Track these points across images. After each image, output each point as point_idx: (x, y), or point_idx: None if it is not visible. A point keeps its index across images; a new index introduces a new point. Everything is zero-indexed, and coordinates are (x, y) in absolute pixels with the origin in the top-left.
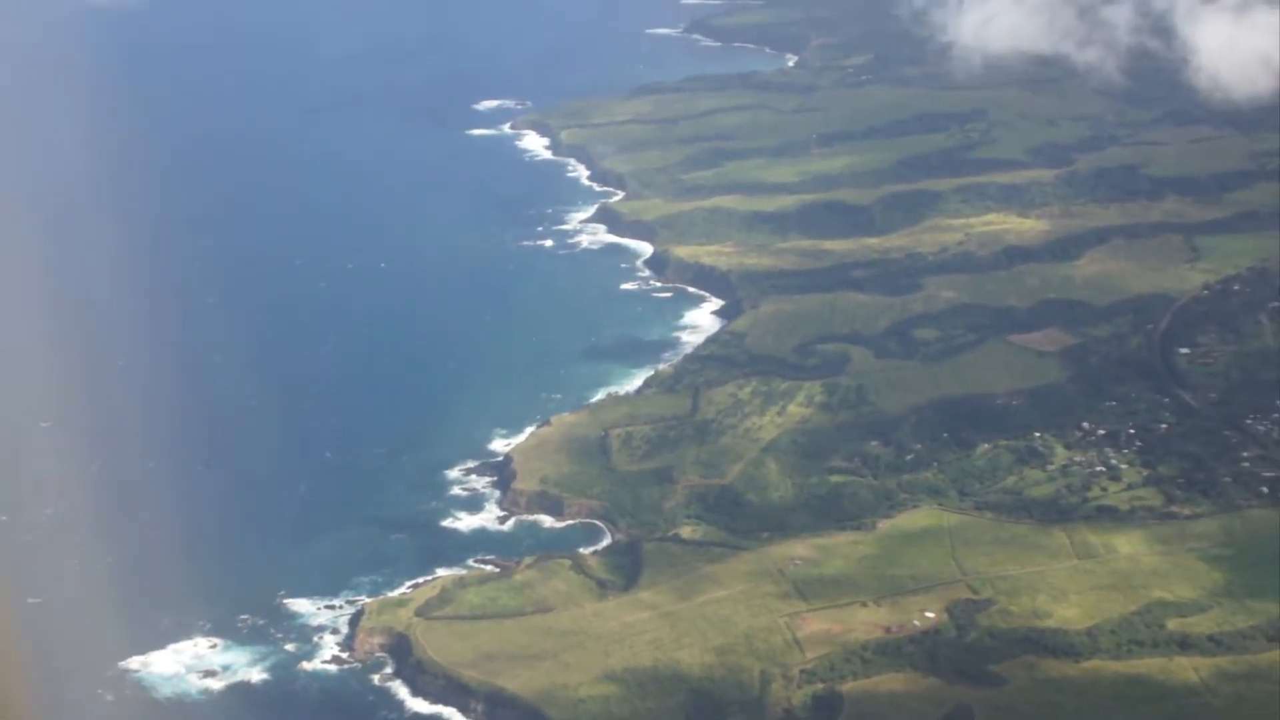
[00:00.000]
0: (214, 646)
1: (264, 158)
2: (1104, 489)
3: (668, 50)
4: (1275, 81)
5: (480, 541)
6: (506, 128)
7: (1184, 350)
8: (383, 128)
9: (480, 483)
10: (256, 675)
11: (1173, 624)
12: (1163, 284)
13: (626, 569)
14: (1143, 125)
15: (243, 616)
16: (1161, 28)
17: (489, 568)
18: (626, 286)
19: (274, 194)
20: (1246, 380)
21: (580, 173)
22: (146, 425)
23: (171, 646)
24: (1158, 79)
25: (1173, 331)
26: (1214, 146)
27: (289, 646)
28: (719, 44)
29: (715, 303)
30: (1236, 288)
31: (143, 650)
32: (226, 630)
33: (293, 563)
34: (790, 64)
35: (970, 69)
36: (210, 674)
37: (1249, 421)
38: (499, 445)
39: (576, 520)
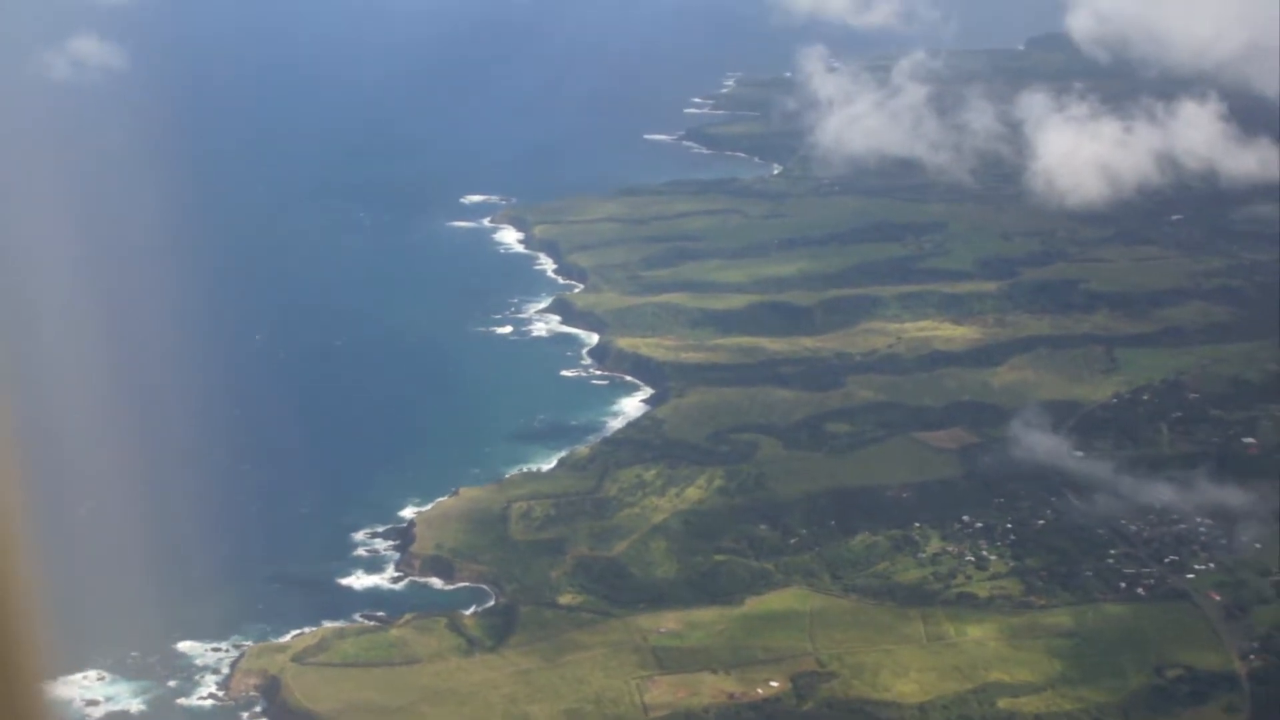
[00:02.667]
0: (101, 679)
1: (245, 240)
2: (969, 577)
3: (659, 155)
4: (1108, 188)
5: (372, 599)
6: (486, 221)
7: (1079, 454)
8: (368, 217)
9: (383, 546)
10: (135, 706)
11: (1003, 703)
12: (1075, 392)
13: (499, 629)
14: (1093, 243)
15: (133, 654)
16: (1015, 135)
17: (371, 622)
18: (567, 373)
19: (248, 274)
20: (1133, 484)
21: (547, 266)
22: (84, 479)
23: (63, 678)
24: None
25: (1073, 435)
26: (1156, 265)
27: (171, 683)
28: (711, 152)
29: (647, 391)
30: (1145, 397)
31: None
32: (117, 666)
33: (192, 609)
34: (775, 172)
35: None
36: (92, 703)
37: (1123, 521)
38: (409, 513)
39: (466, 583)
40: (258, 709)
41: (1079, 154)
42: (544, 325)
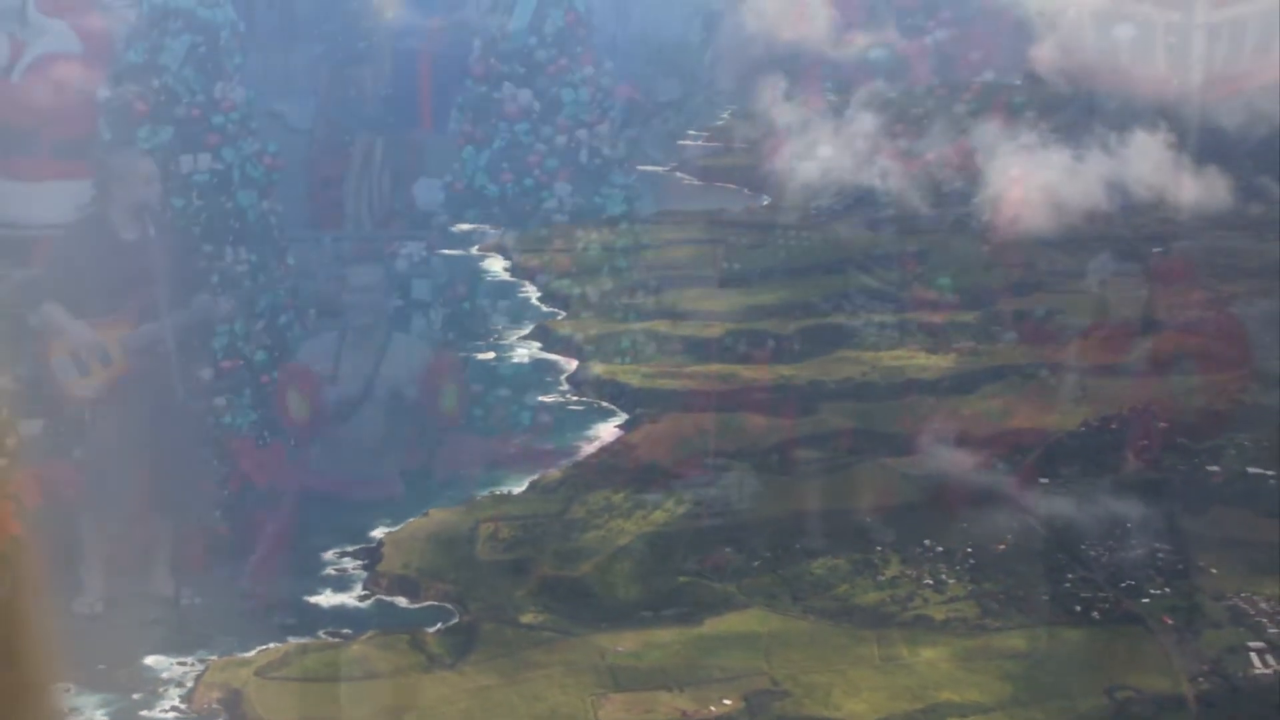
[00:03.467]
0: (68, 691)
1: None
2: (926, 600)
3: (650, 186)
4: (1055, 215)
5: (338, 616)
6: (474, 249)
7: (1044, 480)
8: (362, 244)
9: (352, 565)
10: (98, 718)
11: None
12: (1044, 420)
13: (460, 647)
14: (1073, 274)
15: (100, 667)
16: (964, 164)
17: (334, 639)
18: (544, 399)
19: (230, 293)
20: (1097, 509)
21: (531, 293)
22: (77, 492)
23: None
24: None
25: (1039, 462)
26: (1134, 297)
27: (135, 695)
28: (701, 183)
29: (622, 417)
30: (1114, 426)
31: None
32: (83, 678)
33: (163, 625)
34: (764, 203)
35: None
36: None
37: (1083, 546)
38: (379, 533)
39: (431, 602)
40: None
41: (1064, 184)
42: (525, 352)
